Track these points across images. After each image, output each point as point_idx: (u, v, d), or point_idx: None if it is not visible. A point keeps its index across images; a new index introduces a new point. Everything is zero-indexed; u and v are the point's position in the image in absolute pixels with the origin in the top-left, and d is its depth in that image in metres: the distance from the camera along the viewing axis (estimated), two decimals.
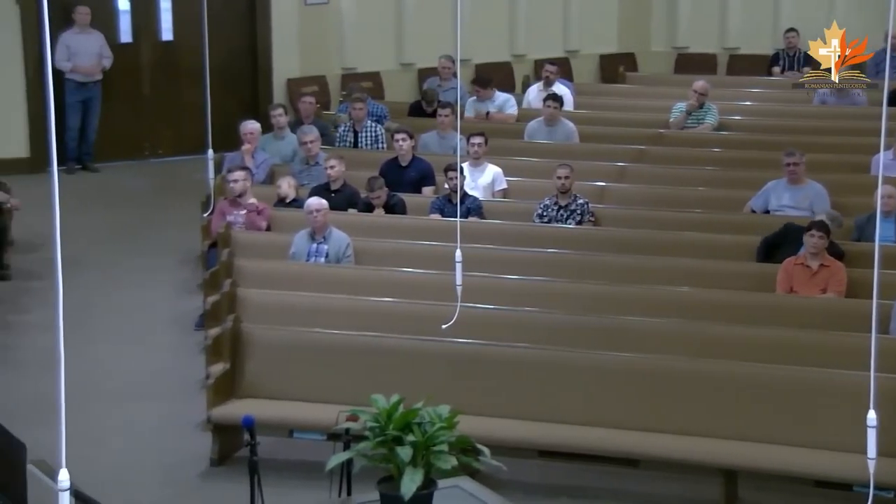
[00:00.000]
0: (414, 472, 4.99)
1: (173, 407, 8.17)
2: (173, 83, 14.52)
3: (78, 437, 6.88)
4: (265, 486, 5.74)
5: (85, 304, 9.77)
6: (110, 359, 8.99)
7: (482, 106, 12.92)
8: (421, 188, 10.63)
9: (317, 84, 14.74)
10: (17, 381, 8.50)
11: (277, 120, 11.57)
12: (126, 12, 14.45)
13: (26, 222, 11.08)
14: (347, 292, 8.36)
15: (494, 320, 7.83)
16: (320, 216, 9.05)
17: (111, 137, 14.10)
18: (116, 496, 5.61)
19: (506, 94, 13.35)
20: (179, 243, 11.40)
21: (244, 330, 7.57)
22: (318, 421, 6.98)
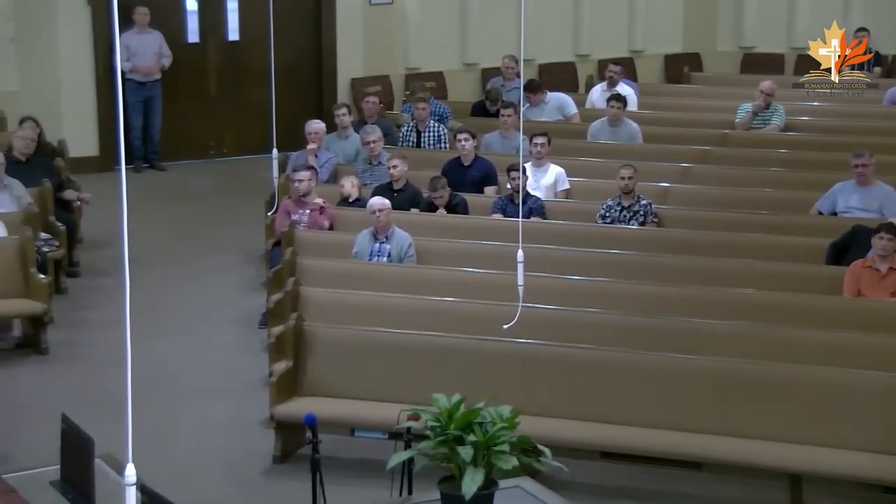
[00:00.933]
0: (475, 471, 4.99)
1: (237, 404, 8.24)
2: (239, 83, 14.66)
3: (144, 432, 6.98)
4: (327, 483, 5.77)
5: (152, 301, 9.90)
6: (176, 355, 9.10)
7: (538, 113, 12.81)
8: (483, 188, 10.62)
9: (380, 84, 14.80)
10: (85, 376, 8.62)
11: (341, 119, 11.63)
12: (193, 12, 14.61)
13: (95, 220, 11.26)
14: (409, 292, 8.38)
15: (556, 321, 7.80)
16: (383, 216, 9.08)
17: (178, 137, 14.27)
18: (181, 492, 5.65)
19: (559, 94, 13.23)
20: (244, 242, 11.50)
21: (307, 328, 7.62)
22: (379, 420, 7.00)
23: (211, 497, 7.01)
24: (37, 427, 7.54)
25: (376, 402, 7.26)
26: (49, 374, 8.78)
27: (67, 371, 8.82)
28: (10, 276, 9.15)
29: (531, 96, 12.89)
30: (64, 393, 8.31)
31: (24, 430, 7.69)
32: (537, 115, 12.79)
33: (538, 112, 12.86)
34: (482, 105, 13.31)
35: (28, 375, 8.74)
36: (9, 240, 9.34)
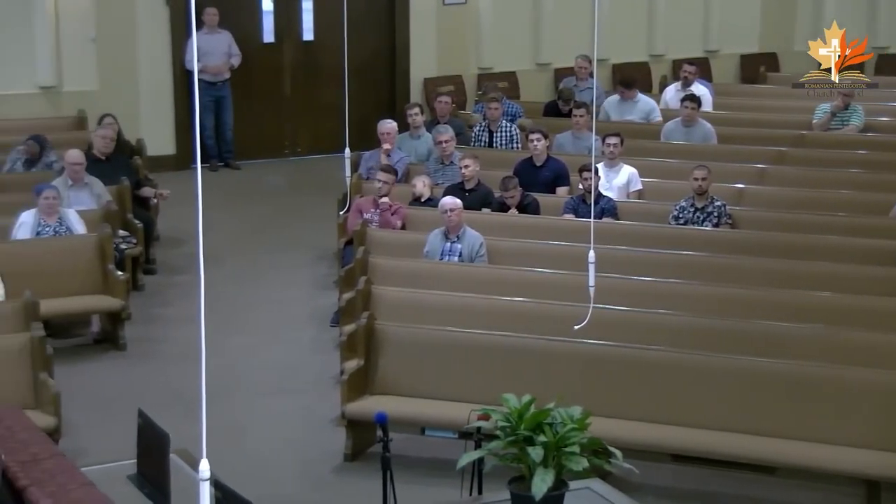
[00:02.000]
0: (545, 472, 4.98)
1: (308, 401, 8.31)
2: (313, 83, 14.78)
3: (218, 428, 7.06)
4: (397, 482, 5.79)
5: (226, 298, 10.02)
6: (249, 352, 9.19)
7: (625, 109, 12.77)
8: (555, 188, 10.59)
9: (453, 84, 14.82)
10: (161, 372, 8.75)
11: (413, 119, 11.67)
12: (269, 13, 14.76)
13: (171, 218, 11.42)
14: (480, 291, 8.38)
15: (628, 322, 7.76)
16: (454, 215, 9.09)
17: (253, 136, 14.41)
18: (253, 488, 5.71)
19: (648, 98, 13.18)
20: (316, 240, 11.59)
21: (378, 327, 7.65)
22: (449, 419, 7.00)
23: (283, 493, 7.07)
24: (114, 422, 7.66)
25: (447, 401, 7.27)
26: (126, 369, 8.92)
27: (144, 367, 8.95)
28: (90, 273, 9.31)
29: (625, 91, 12.84)
30: (140, 388, 8.43)
31: (101, 425, 7.83)
32: (624, 112, 12.74)
33: (627, 108, 12.80)
34: (554, 105, 13.28)
35: (106, 370, 8.89)
36: (88, 237, 9.50)
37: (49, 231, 9.48)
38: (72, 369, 8.50)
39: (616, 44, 15.09)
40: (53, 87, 13.23)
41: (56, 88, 13.25)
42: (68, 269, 9.20)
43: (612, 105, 12.96)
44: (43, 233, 9.46)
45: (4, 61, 12.93)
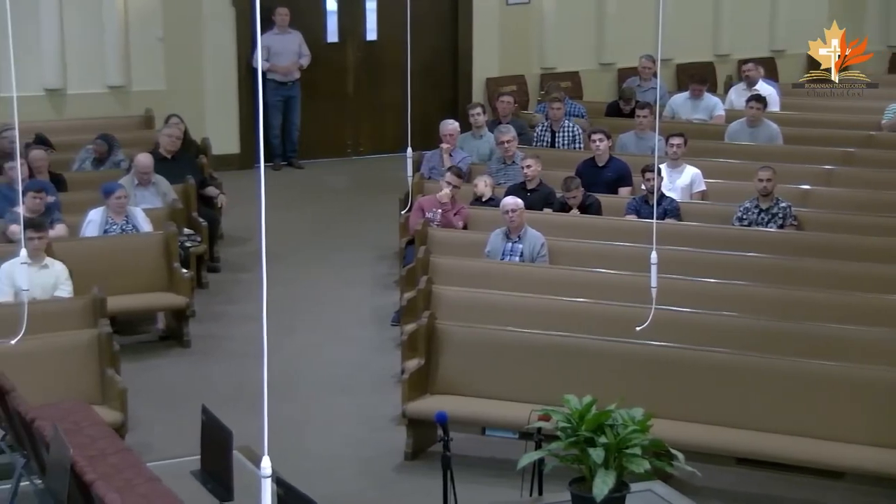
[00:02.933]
0: (606, 473, 4.96)
1: (369, 400, 8.35)
2: (376, 82, 14.84)
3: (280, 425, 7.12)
4: (457, 481, 5.80)
5: (288, 296, 10.09)
6: (311, 350, 9.26)
7: (692, 107, 12.67)
8: (617, 189, 10.54)
9: (515, 83, 14.80)
10: (225, 369, 8.84)
11: (475, 119, 11.67)
12: (333, 13, 14.85)
13: (235, 216, 11.53)
14: (541, 292, 8.37)
15: (690, 323, 7.70)
16: (516, 215, 9.08)
17: (316, 135, 14.51)
18: (314, 485, 5.75)
19: (712, 95, 13.08)
20: (378, 239, 11.64)
21: (439, 327, 7.67)
22: (510, 419, 7.00)
23: (344, 491, 7.11)
24: (178, 417, 7.76)
25: (507, 401, 7.27)
26: (190, 366, 9.02)
27: (208, 363, 9.05)
28: (155, 271, 9.42)
29: (697, 87, 12.75)
30: (204, 385, 8.53)
31: (166, 421, 7.92)
32: (691, 111, 12.64)
33: (693, 106, 12.70)
34: (616, 105, 13.21)
35: (170, 367, 9.00)
36: (154, 235, 9.63)
37: (116, 229, 9.61)
38: (137, 366, 8.61)
39: (680, 43, 14.96)
40: (122, 86, 13.42)
41: (125, 88, 13.44)
42: (135, 266, 9.32)
43: (678, 103, 12.87)
44: (110, 231, 9.60)
45: (75, 62, 13.13)
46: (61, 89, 13.13)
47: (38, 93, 12.87)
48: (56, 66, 13.03)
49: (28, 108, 10.79)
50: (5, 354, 6.80)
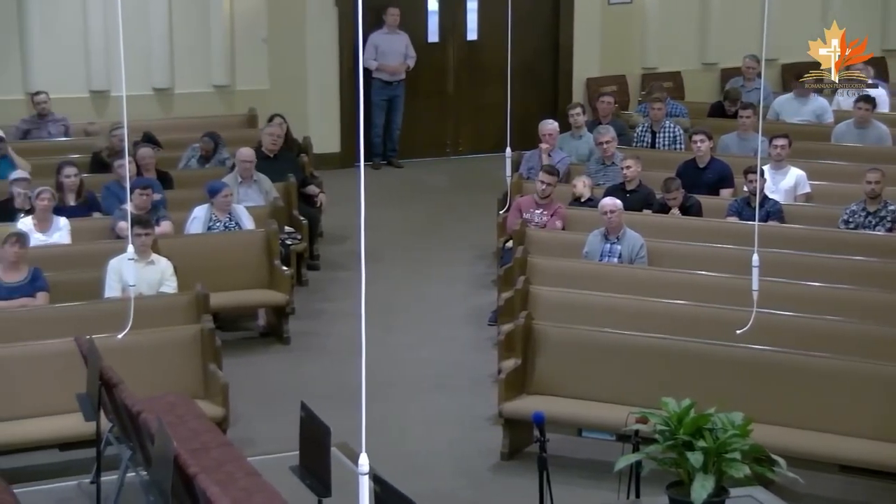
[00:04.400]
0: (705, 478, 4.91)
1: (466, 399, 8.37)
2: (476, 82, 14.86)
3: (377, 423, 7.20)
4: (554, 482, 5.79)
5: (387, 294, 10.17)
6: (408, 349, 9.31)
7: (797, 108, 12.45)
8: (718, 190, 10.41)
9: (616, 83, 14.70)
10: (323, 366, 8.94)
11: (575, 119, 11.63)
12: (434, 13, 14.91)
13: (335, 215, 11.65)
14: (640, 293, 8.30)
15: (793, 327, 7.57)
16: (615, 216, 9.02)
17: (416, 135, 14.58)
18: (411, 483, 5.78)
19: (822, 98, 12.82)
20: (476, 239, 11.66)
21: (536, 327, 7.66)
22: (607, 421, 6.97)
23: (440, 489, 7.14)
24: (278, 413, 7.87)
25: (604, 403, 7.23)
26: (290, 362, 9.14)
27: (307, 360, 9.16)
28: (256, 268, 9.57)
29: (800, 88, 12.53)
30: (303, 381, 8.63)
31: (266, 416, 8.04)
32: (796, 112, 12.42)
33: (799, 107, 12.47)
34: (720, 106, 13.04)
35: (270, 363, 9.13)
36: (256, 232, 9.77)
37: (220, 226, 9.78)
38: (238, 361, 8.74)
39: (786, 43, 14.69)
40: (227, 86, 13.65)
41: (229, 87, 13.67)
42: (237, 263, 9.47)
43: (783, 104, 12.64)
44: (214, 228, 9.77)
45: (183, 62, 13.39)
46: (169, 89, 13.41)
47: (147, 92, 13.16)
48: (164, 66, 13.30)
49: (137, 107, 11.05)
50: (112, 348, 6.97)
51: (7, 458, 6.63)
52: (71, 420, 6.78)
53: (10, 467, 6.55)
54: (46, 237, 9.20)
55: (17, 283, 8.30)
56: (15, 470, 6.69)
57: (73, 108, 12.52)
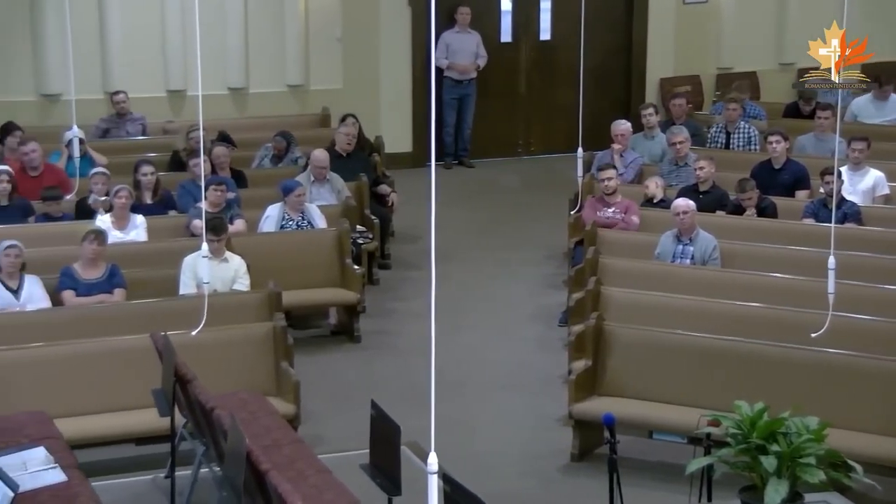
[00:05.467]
0: (778, 483, 4.86)
1: (536, 400, 8.35)
2: (548, 82, 14.83)
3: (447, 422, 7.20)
4: (624, 484, 5.75)
5: (457, 294, 10.18)
6: (478, 348, 9.32)
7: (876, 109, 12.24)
8: (794, 192, 10.27)
9: (690, 83, 14.57)
10: (393, 365, 8.97)
11: (648, 119, 11.55)
12: (508, 12, 14.91)
13: (406, 214, 11.69)
14: (713, 295, 8.22)
15: (870, 331, 7.45)
16: (687, 217, 8.95)
17: (487, 134, 14.59)
18: (480, 482, 5.78)
19: None
20: (546, 239, 11.63)
21: (607, 328, 7.62)
22: (678, 423, 6.92)
23: (509, 490, 7.13)
24: (348, 411, 7.92)
25: (675, 405, 7.18)
26: (360, 361, 9.19)
27: (377, 359, 9.20)
28: (328, 267, 9.64)
29: (878, 90, 12.34)
30: (373, 380, 8.68)
31: (336, 414, 8.09)
32: (875, 113, 12.22)
33: (878, 108, 12.26)
34: (795, 106, 12.87)
35: (341, 361, 9.19)
36: (328, 231, 9.84)
37: (292, 225, 9.87)
38: (309, 359, 8.80)
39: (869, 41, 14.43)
40: (301, 85, 13.76)
41: (303, 87, 13.78)
42: (309, 262, 9.54)
43: (861, 105, 12.43)
44: (286, 226, 9.86)
45: (258, 61, 13.53)
46: (244, 88, 13.56)
47: (223, 92, 13.31)
48: (240, 66, 13.45)
49: (212, 106, 11.19)
50: (186, 345, 7.06)
51: (85, 452, 6.75)
52: (146, 415, 6.87)
53: (88, 461, 6.66)
54: (124, 234, 9.36)
55: (95, 280, 8.45)
56: (92, 463, 6.81)
57: (151, 108, 12.71)
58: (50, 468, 5.91)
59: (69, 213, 9.78)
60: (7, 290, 8.14)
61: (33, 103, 12.78)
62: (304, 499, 5.08)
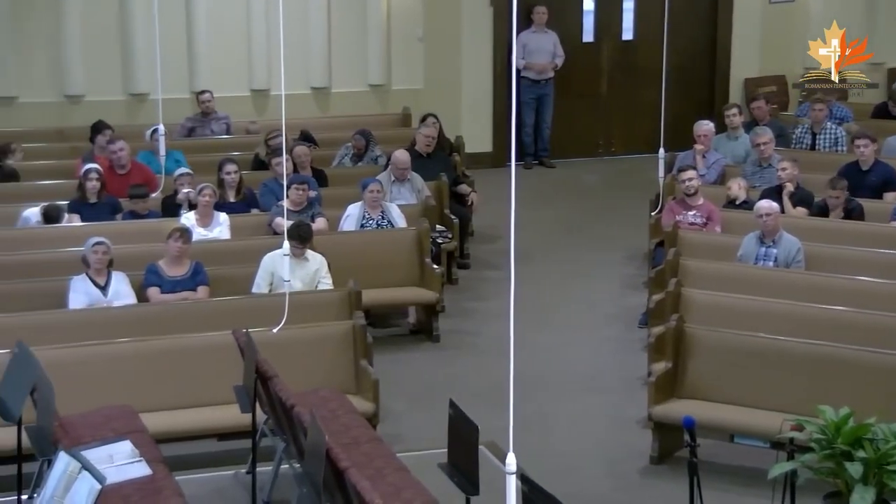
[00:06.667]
0: (865, 490, 4.78)
1: (615, 401, 8.31)
2: (630, 82, 14.73)
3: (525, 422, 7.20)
4: (704, 488, 5.70)
5: (536, 294, 10.16)
6: (557, 349, 9.29)
7: None
8: (882, 194, 10.08)
9: (775, 84, 14.37)
10: (472, 364, 8.98)
11: (731, 120, 11.42)
12: (590, 12, 14.85)
13: (486, 214, 11.70)
14: (796, 298, 8.10)
15: None
16: (770, 219, 8.83)
17: (568, 134, 14.54)
18: (558, 483, 5.75)
19: None
20: (627, 240, 11.56)
21: (688, 330, 7.55)
22: (760, 427, 6.82)
23: (588, 491, 7.10)
24: (427, 410, 7.95)
25: (757, 409, 7.09)
26: (439, 360, 9.21)
27: (456, 358, 9.22)
28: (408, 266, 9.67)
29: None
30: (452, 379, 8.69)
31: (415, 413, 8.12)
32: None
33: None
34: (884, 107, 12.64)
35: (420, 360, 9.22)
36: (408, 230, 9.88)
37: (372, 224, 9.93)
38: (389, 358, 8.84)
39: None
40: (382, 85, 13.84)
41: (384, 87, 13.86)
42: (388, 261, 9.59)
43: None
44: (367, 225, 9.92)
45: (340, 61, 13.64)
46: (326, 88, 13.67)
47: (305, 91, 13.44)
48: (322, 66, 13.57)
49: (295, 105, 11.31)
50: (268, 342, 7.14)
51: (169, 447, 6.86)
52: (228, 411, 6.96)
53: (172, 455, 6.77)
54: (207, 232, 9.49)
55: (179, 277, 8.57)
56: (176, 458, 6.91)
57: (235, 107, 12.88)
58: (135, 461, 6.02)
59: (155, 211, 9.95)
60: (95, 286, 8.29)
61: (122, 102, 13.04)
62: (382, 497, 5.11)
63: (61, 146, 11.96)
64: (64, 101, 12.93)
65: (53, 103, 12.86)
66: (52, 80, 12.86)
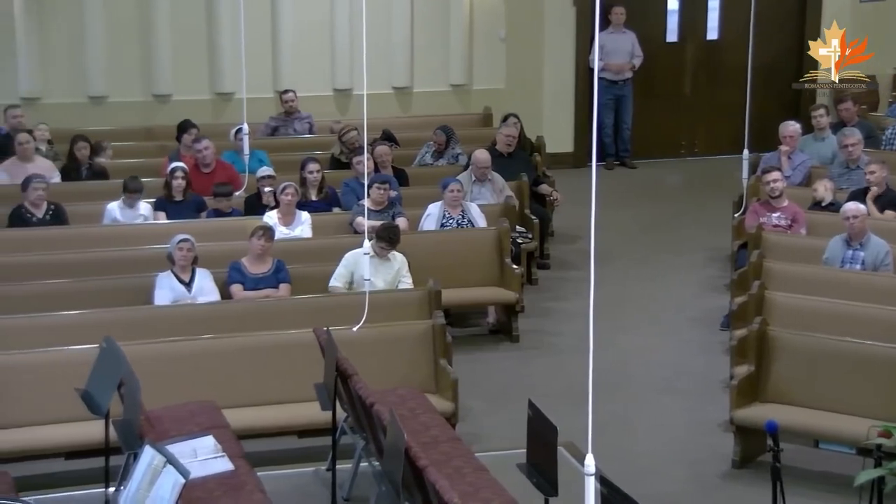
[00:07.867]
0: None
1: (696, 404, 8.23)
2: (714, 82, 14.60)
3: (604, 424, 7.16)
4: (788, 494, 5.63)
5: (616, 295, 10.10)
6: (637, 350, 9.22)
7: None
8: None
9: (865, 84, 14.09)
10: (551, 365, 8.96)
11: (818, 121, 11.23)
12: (674, 12, 14.72)
13: (566, 215, 11.66)
14: (884, 302, 7.95)
15: None
16: (857, 222, 8.66)
17: (650, 135, 14.44)
18: (638, 486, 5.73)
19: None
20: (709, 241, 11.44)
21: (771, 333, 7.45)
22: (846, 433, 6.72)
23: (668, 494, 7.04)
24: (506, 410, 7.94)
25: (843, 414, 6.97)
26: (518, 360, 9.20)
27: (535, 358, 9.20)
28: (488, 266, 9.67)
29: None
30: (531, 379, 8.68)
31: (494, 413, 8.12)
32: None
33: None
34: None
35: (499, 360, 9.21)
36: (488, 230, 9.88)
37: (452, 223, 9.95)
38: (468, 357, 8.85)
39: None
40: (463, 85, 13.87)
41: (466, 87, 13.89)
42: (468, 260, 9.60)
43: None
44: (447, 224, 9.94)
45: (422, 61, 13.69)
46: (408, 87, 13.74)
47: (387, 91, 13.52)
48: (404, 66, 13.64)
49: (377, 105, 11.37)
50: (348, 340, 7.19)
51: (251, 443, 6.94)
52: (309, 409, 7.01)
53: (255, 451, 6.85)
54: (289, 231, 9.59)
55: (262, 275, 8.67)
56: (258, 454, 7.00)
57: (318, 107, 13.00)
58: (218, 457, 6.10)
59: (238, 209, 10.08)
60: (180, 282, 8.43)
61: (208, 102, 13.24)
62: (460, 496, 5.12)
63: (149, 145, 12.18)
64: (152, 100, 13.17)
65: (142, 102, 13.11)
66: (141, 80, 13.11)
